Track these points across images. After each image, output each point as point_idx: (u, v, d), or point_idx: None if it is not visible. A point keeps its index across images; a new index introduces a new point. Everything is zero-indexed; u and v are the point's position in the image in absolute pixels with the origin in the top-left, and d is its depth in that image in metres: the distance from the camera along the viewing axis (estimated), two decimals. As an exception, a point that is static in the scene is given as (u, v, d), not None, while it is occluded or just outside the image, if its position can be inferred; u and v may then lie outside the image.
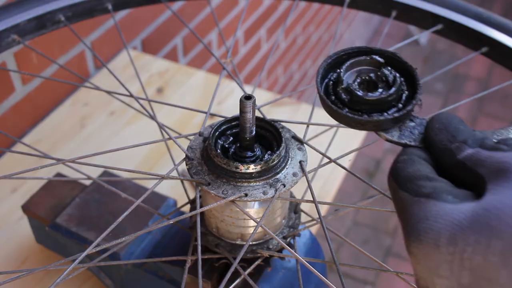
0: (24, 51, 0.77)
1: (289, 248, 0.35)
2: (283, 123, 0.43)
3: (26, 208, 0.57)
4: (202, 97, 0.88)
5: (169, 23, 1.04)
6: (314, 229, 0.69)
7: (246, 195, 0.37)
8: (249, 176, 0.38)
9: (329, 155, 0.43)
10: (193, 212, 0.37)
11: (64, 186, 0.59)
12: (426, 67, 2.54)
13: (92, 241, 0.53)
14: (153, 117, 0.47)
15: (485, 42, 0.53)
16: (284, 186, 0.38)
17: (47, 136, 0.79)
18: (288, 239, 0.44)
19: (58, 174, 0.62)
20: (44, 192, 0.58)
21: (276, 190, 0.37)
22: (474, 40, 0.54)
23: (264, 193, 0.37)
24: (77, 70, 0.89)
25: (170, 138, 0.43)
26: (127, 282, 0.54)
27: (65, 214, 0.55)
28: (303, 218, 0.47)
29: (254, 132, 0.39)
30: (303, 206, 0.48)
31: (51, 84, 0.85)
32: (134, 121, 0.82)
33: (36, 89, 0.82)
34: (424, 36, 2.72)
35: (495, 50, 0.53)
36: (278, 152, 0.38)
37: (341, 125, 0.32)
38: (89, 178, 0.43)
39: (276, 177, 0.38)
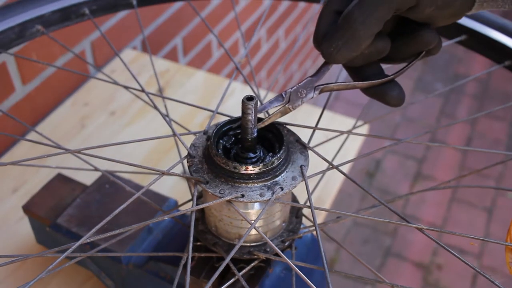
0: (24, 51, 0.77)
1: (281, 253, 0.35)
2: (289, 127, 0.43)
3: (27, 208, 0.57)
4: (202, 97, 0.88)
5: (169, 23, 1.04)
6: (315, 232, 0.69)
7: (242, 195, 0.37)
8: (248, 177, 0.37)
9: (328, 157, 0.42)
10: (188, 209, 0.37)
11: (65, 187, 0.59)
12: (426, 67, 2.54)
13: (92, 241, 0.53)
14: (162, 113, 0.47)
15: (509, 55, 0.53)
16: (282, 189, 0.38)
17: (47, 136, 0.79)
18: (286, 243, 0.44)
19: (55, 180, 0.61)
20: (45, 192, 0.58)
21: (273, 193, 0.37)
22: (498, 53, 0.54)
23: (261, 195, 0.37)
24: (78, 69, 0.89)
25: (174, 135, 0.43)
26: (128, 283, 0.54)
27: (66, 215, 0.55)
28: (306, 222, 0.47)
29: (255, 134, 0.39)
30: (305, 210, 0.48)
31: (51, 84, 0.85)
32: (134, 121, 0.82)
33: (36, 89, 0.82)
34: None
35: None
36: (278, 155, 0.38)
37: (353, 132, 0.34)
38: (96, 169, 0.43)
39: (275, 179, 0.38)
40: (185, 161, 0.41)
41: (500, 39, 0.53)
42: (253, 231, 0.42)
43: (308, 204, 0.39)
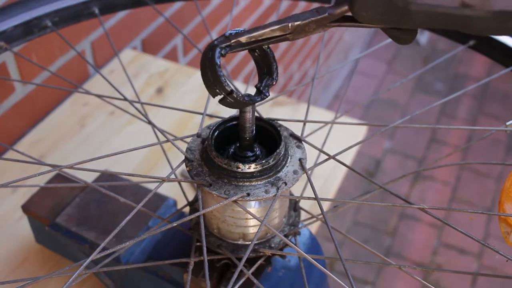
0: (24, 51, 0.77)
1: (293, 245, 0.36)
2: (280, 122, 0.43)
3: (26, 208, 0.57)
4: (202, 97, 0.88)
5: (169, 23, 1.04)
6: (313, 229, 0.69)
7: (248, 194, 0.37)
8: (251, 176, 0.38)
9: (327, 151, 0.43)
10: (196, 214, 0.37)
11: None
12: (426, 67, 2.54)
13: (92, 241, 0.53)
14: (149, 121, 0.47)
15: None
16: (286, 184, 0.38)
17: (47, 135, 0.79)
18: (289, 237, 0.44)
19: (54, 180, 0.61)
20: (44, 192, 0.58)
21: (278, 189, 0.38)
22: (507, 57, 0.54)
23: (266, 191, 0.37)
24: (76, 70, 0.89)
25: (168, 141, 0.43)
26: (127, 282, 0.54)
27: (65, 214, 0.55)
28: (303, 216, 0.47)
29: (253, 132, 0.39)
30: (303, 204, 0.48)
31: (51, 84, 0.85)
32: (134, 121, 0.82)
33: (36, 89, 0.82)
34: (424, 36, 2.72)
35: None
36: (278, 151, 0.38)
37: (337, 121, 0.33)
38: (86, 184, 0.43)
39: (277, 175, 0.38)
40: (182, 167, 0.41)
41: (508, 43, 0.53)
42: (252, 230, 0.42)
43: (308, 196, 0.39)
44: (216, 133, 0.40)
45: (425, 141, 2.19)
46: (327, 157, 0.42)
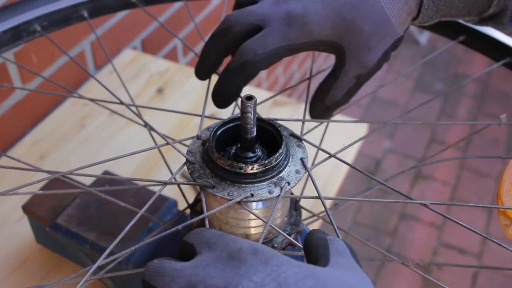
0: (24, 51, 0.77)
1: (298, 244, 0.36)
2: (280, 122, 0.43)
3: (27, 208, 0.57)
4: (202, 97, 0.88)
5: (169, 23, 1.04)
6: (314, 228, 0.69)
7: (252, 195, 0.37)
8: (254, 177, 0.38)
9: (326, 149, 0.43)
10: (201, 216, 0.37)
11: (65, 187, 0.59)
12: (426, 67, 2.54)
13: (92, 241, 0.53)
14: (145, 124, 0.47)
15: (508, 53, 0.54)
16: (289, 184, 0.38)
17: (47, 136, 0.79)
18: (291, 236, 0.44)
19: (53, 183, 0.61)
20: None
21: (281, 188, 0.38)
22: (497, 51, 0.55)
23: (270, 192, 0.37)
24: (77, 70, 0.89)
25: (167, 143, 0.43)
26: (128, 283, 0.54)
27: (66, 215, 0.55)
28: (304, 215, 0.47)
29: (255, 133, 0.39)
30: (303, 203, 0.48)
31: (51, 84, 0.85)
32: (134, 122, 0.82)
33: (36, 89, 0.82)
34: (424, 36, 2.72)
35: None
36: (280, 151, 0.38)
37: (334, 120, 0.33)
38: (85, 189, 0.42)
39: (279, 175, 0.38)
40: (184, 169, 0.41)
41: (498, 37, 0.54)
42: (254, 230, 0.42)
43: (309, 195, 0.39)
44: (217, 135, 0.40)
45: (425, 141, 2.19)
46: (326, 155, 0.42)
